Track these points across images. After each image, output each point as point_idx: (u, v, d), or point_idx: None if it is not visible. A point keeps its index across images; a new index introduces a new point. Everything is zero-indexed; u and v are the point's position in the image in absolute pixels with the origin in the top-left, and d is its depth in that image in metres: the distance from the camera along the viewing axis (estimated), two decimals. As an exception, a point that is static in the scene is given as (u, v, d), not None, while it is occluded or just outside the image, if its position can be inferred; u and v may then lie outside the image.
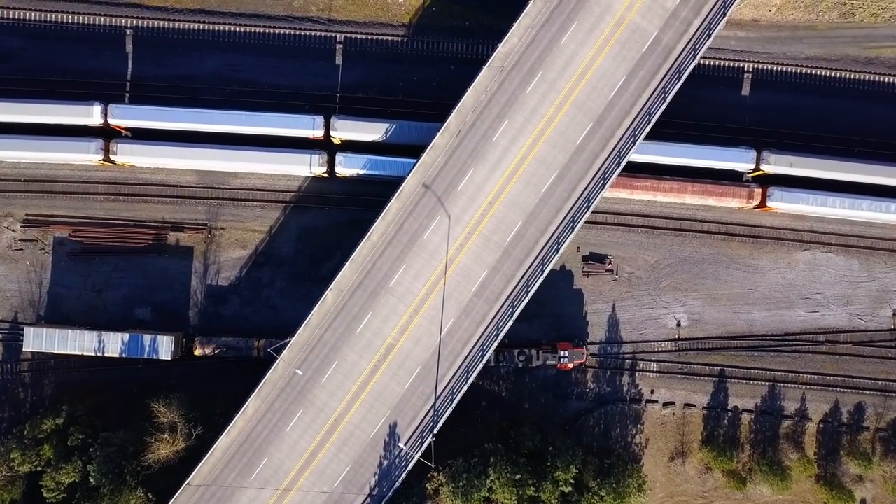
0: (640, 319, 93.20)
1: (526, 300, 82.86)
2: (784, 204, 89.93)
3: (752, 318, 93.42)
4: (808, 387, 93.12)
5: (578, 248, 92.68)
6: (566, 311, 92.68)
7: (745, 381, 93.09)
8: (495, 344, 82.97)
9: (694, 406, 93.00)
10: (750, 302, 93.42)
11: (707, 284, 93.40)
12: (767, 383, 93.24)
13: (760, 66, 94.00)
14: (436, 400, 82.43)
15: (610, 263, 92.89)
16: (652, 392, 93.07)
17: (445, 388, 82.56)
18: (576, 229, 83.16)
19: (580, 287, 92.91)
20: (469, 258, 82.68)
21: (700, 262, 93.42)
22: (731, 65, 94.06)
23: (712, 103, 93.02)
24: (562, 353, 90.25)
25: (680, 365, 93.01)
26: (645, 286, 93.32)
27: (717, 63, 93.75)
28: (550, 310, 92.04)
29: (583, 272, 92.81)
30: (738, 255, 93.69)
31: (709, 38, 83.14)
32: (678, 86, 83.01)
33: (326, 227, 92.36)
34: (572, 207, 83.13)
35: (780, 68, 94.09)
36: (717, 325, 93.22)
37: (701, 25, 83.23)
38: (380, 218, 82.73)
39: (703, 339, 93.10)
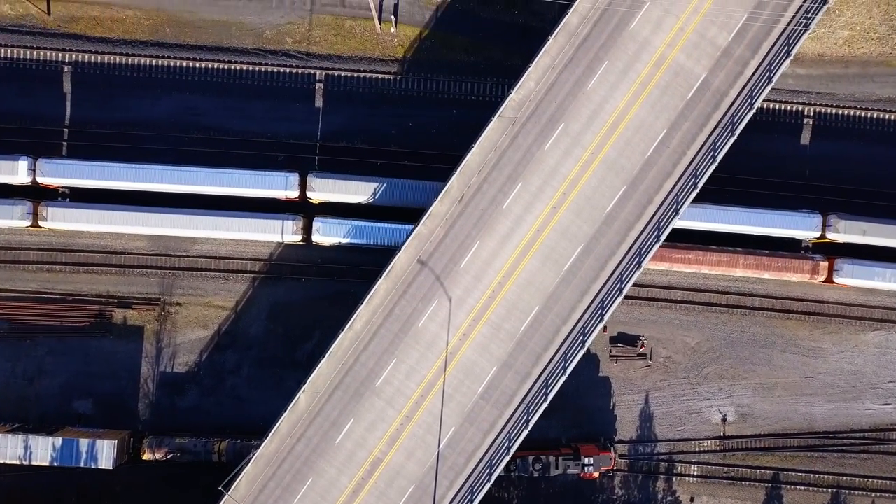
0: (679, 413, 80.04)
1: (545, 405, 68.89)
2: (856, 280, 75.88)
3: (811, 412, 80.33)
4: (878, 494, 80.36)
5: (606, 327, 78.90)
6: (590, 403, 79.43)
7: (803, 487, 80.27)
8: (506, 459, 68.97)
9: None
10: (809, 392, 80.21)
11: (758, 371, 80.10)
12: (830, 490, 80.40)
13: (823, 109, 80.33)
14: (433, 527, 68.76)
15: (642, 346, 79.49)
16: (692, 500, 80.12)
17: (444, 512, 68.80)
18: (606, 317, 69.24)
19: (607, 374, 79.80)
20: (474, 351, 69.05)
21: (750, 344, 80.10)
22: (789, 108, 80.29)
23: (765, 153, 79.34)
24: (586, 461, 76.22)
25: (725, 468, 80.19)
26: (684, 373, 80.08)
27: (771, 106, 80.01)
28: (571, 402, 78.37)
29: (610, 356, 79.60)
30: (796, 337, 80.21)
31: (769, 82, 69.01)
32: (731, 141, 69.12)
33: (303, 301, 79.07)
34: (601, 290, 69.29)
35: (846, 112, 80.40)
36: (770, 421, 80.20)
37: (760, 66, 69.20)
38: (364, 302, 68.79)
39: (753, 437, 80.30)
